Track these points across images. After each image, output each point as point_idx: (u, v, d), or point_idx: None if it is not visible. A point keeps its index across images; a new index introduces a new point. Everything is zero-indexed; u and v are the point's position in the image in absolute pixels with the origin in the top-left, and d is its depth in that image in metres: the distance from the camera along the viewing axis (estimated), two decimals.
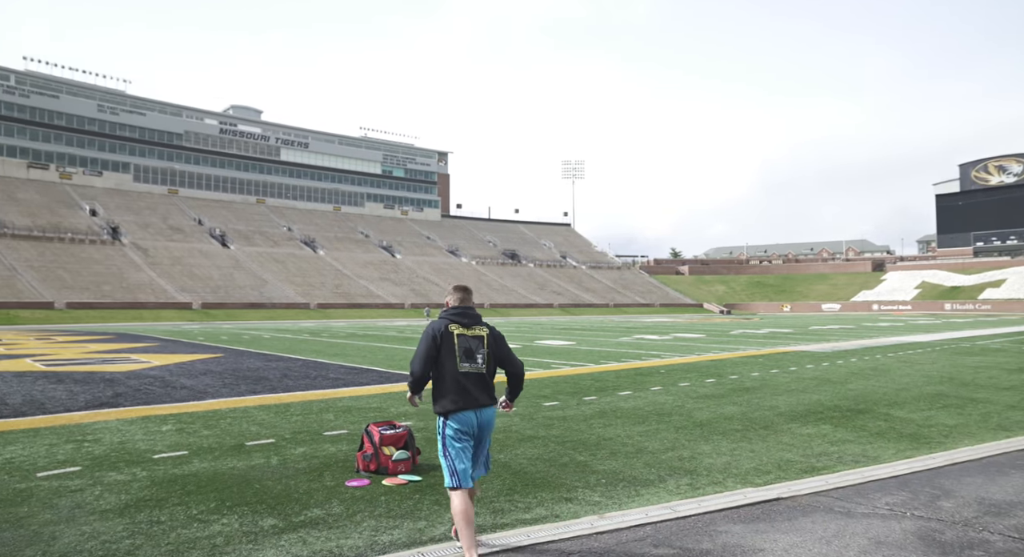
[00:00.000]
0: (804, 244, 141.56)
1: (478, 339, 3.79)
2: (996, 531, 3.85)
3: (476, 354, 3.75)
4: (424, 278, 74.23)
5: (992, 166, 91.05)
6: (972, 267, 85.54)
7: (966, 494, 4.58)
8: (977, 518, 4.08)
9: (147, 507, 4.36)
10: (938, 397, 9.25)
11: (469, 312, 3.87)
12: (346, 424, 7.32)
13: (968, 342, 20.84)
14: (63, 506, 4.39)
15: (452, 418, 3.67)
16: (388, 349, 18.90)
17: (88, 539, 3.79)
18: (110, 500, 4.51)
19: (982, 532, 3.83)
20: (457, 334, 3.75)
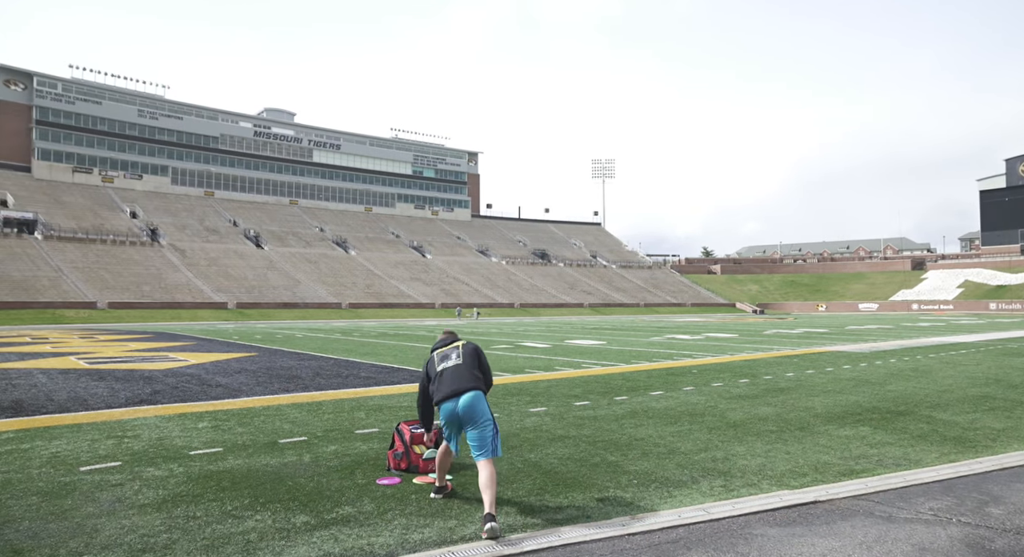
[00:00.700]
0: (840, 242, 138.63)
1: (453, 347, 4.66)
2: None
3: (451, 355, 4.60)
4: (454, 278, 74.58)
5: None
6: (1019, 265, 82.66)
7: (1017, 501, 4.41)
8: None
9: (183, 502, 4.44)
10: (984, 399, 8.94)
11: (448, 337, 4.80)
12: (377, 422, 7.37)
13: (1015, 343, 20.15)
14: (104, 500, 4.50)
15: (438, 407, 4.52)
16: (419, 348, 19.01)
17: (128, 532, 3.87)
18: (148, 495, 4.61)
19: None
20: (436, 354, 4.68)
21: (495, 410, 8.12)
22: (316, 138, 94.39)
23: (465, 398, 4.34)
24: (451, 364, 4.52)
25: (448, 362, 4.54)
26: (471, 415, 4.31)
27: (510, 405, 8.50)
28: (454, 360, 4.54)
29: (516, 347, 19.22)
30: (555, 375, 11.99)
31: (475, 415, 4.31)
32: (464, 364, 4.50)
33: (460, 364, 4.51)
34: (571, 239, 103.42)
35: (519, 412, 7.97)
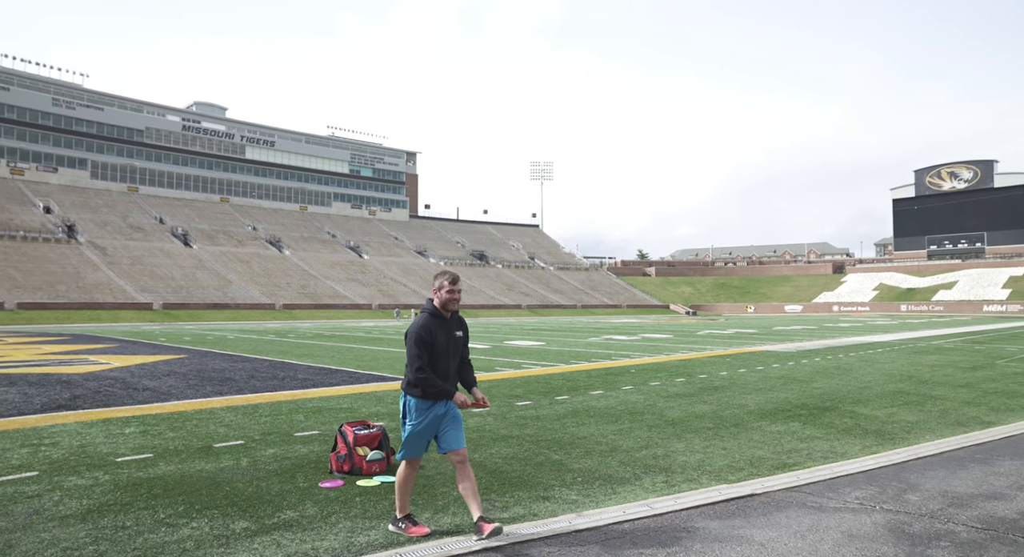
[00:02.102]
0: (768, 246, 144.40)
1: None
2: (960, 522, 3.96)
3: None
4: (392, 279, 73.67)
5: (944, 172, 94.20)
6: (926, 270, 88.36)
7: (930, 487, 4.70)
8: (942, 510, 4.19)
9: (111, 512, 4.21)
10: (899, 395, 9.50)
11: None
12: (317, 425, 7.20)
13: (924, 342, 21.49)
14: (20, 513, 4.21)
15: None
16: (357, 350, 18.68)
17: (48, 546, 3.64)
18: (71, 506, 4.35)
19: (947, 523, 3.93)
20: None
21: None
22: (249, 134, 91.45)
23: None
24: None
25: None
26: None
27: None
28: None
29: None
30: (496, 376, 12.01)
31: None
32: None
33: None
34: (509, 241, 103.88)
35: (462, 413, 7.93)
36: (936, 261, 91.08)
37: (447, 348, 3.90)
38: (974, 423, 7.35)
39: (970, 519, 4.01)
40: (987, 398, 9.23)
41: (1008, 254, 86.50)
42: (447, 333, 3.91)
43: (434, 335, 3.84)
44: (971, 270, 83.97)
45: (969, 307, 70.15)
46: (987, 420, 7.53)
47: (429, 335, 3.82)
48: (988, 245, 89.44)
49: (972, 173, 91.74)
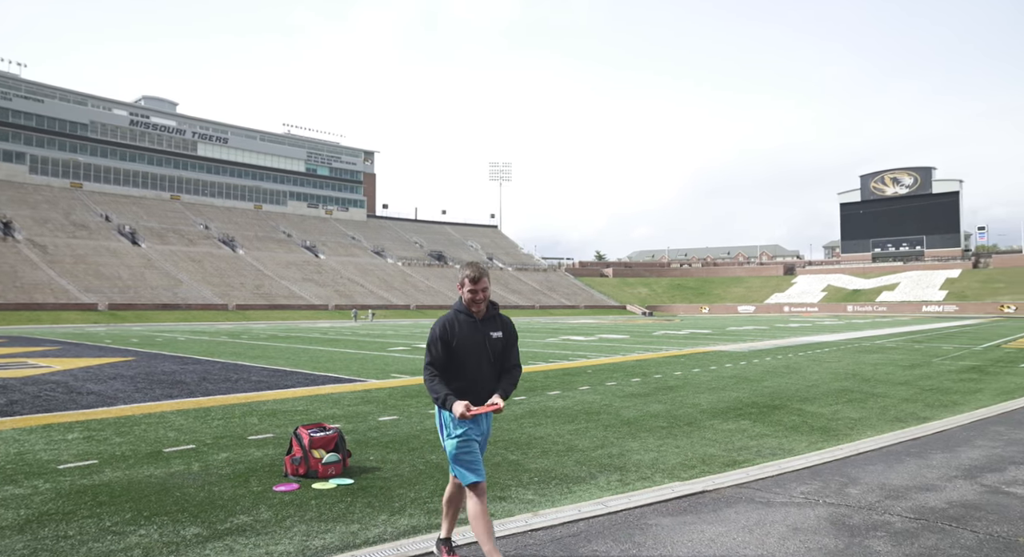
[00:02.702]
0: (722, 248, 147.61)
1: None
2: (895, 513, 4.16)
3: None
4: (349, 279, 72.73)
5: (888, 178, 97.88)
6: (871, 271, 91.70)
7: (870, 481, 4.92)
8: (879, 502, 4.38)
9: (52, 521, 4.08)
10: (844, 392, 9.86)
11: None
12: (271, 428, 7.09)
13: (868, 341, 22.32)
14: None
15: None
16: (312, 351, 18.41)
17: None
18: (7, 516, 4.19)
19: (884, 514, 4.13)
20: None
21: (394, 412, 8.04)
22: (201, 130, 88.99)
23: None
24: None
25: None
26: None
27: (409, 407, 8.44)
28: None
29: (413, 349, 19.05)
30: None
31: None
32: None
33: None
34: (468, 241, 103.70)
35: (419, 414, 7.93)
36: (880, 263, 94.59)
37: (476, 350, 3.35)
38: (911, 419, 7.69)
39: (904, 510, 4.21)
40: (923, 395, 9.66)
41: (945, 257, 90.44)
42: (477, 332, 3.37)
43: (455, 333, 3.33)
44: (912, 272, 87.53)
45: (910, 308, 73.08)
46: (923, 416, 7.89)
47: (447, 333, 3.33)
48: (927, 248, 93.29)
49: (913, 179, 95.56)
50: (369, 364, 14.47)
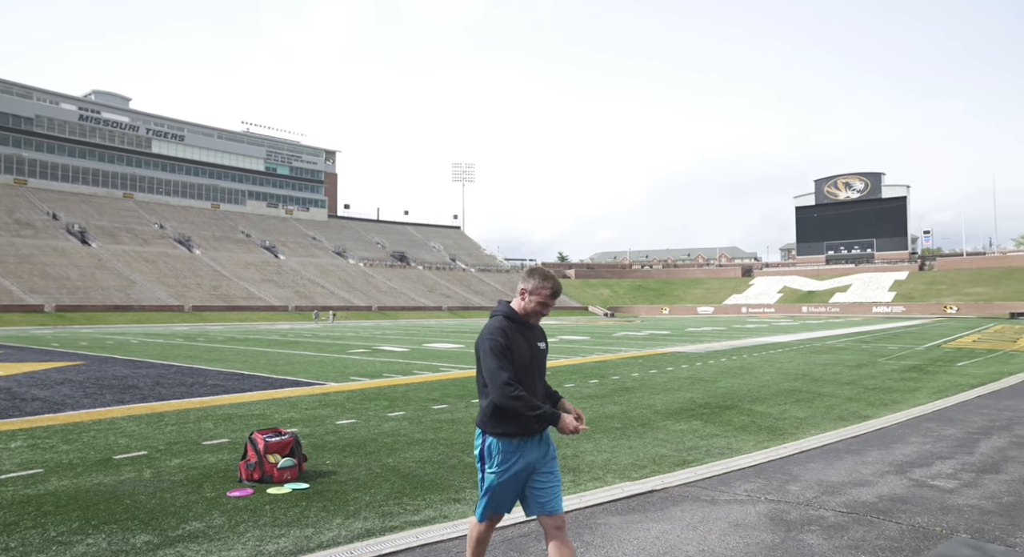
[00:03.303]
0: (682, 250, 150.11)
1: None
2: (830, 508, 4.38)
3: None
4: (309, 280, 71.74)
5: (840, 182, 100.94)
6: (824, 273, 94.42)
7: (809, 478, 5.15)
8: (816, 498, 4.61)
9: None
10: (792, 392, 10.21)
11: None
12: (227, 433, 7.03)
13: (819, 342, 23.04)
14: None
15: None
16: (271, 354, 18.17)
17: None
18: None
19: (819, 510, 4.35)
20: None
21: (352, 416, 8.04)
22: (156, 127, 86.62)
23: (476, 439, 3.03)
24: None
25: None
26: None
27: (367, 410, 8.45)
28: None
29: (374, 351, 18.97)
30: (414, 379, 12.03)
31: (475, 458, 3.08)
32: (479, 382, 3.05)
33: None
34: (430, 242, 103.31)
35: (377, 417, 7.95)
36: (833, 266, 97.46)
37: (531, 361, 2.94)
38: (853, 417, 8.03)
39: (838, 505, 4.44)
40: (867, 394, 10.08)
41: (893, 259, 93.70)
42: (530, 343, 2.97)
43: (513, 342, 2.88)
44: (863, 274, 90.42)
45: (861, 309, 75.48)
46: (864, 414, 8.24)
47: (508, 341, 2.86)
48: (877, 251, 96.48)
49: (864, 184, 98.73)
50: (328, 367, 14.38)
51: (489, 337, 2.87)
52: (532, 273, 3.04)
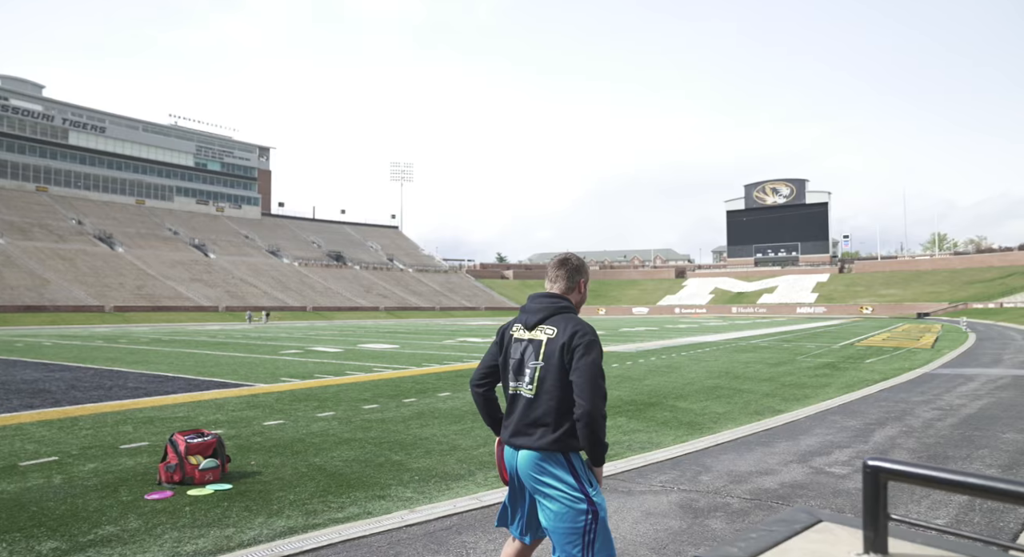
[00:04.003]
0: (619, 252, 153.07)
1: (535, 344, 2.48)
2: (735, 495, 4.67)
3: (525, 367, 2.48)
4: (241, 279, 69.56)
5: (768, 188, 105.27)
6: (753, 275, 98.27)
7: (720, 468, 5.46)
8: (724, 487, 4.90)
9: None
10: (714, 389, 10.67)
11: (537, 303, 2.55)
12: (147, 436, 6.83)
13: (745, 341, 24.04)
14: None
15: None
16: (199, 355, 17.60)
17: None
18: None
19: (726, 497, 4.63)
20: (514, 338, 2.57)
21: (280, 417, 7.94)
22: (73, 117, 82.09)
23: (525, 458, 2.43)
24: (522, 392, 2.49)
25: (519, 382, 2.51)
26: (527, 482, 2.45)
27: (296, 411, 8.36)
28: (527, 383, 2.48)
29: (307, 352, 18.64)
30: (346, 380, 11.93)
31: (531, 484, 2.44)
32: (540, 396, 2.43)
33: (532, 400, 2.44)
34: (368, 241, 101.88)
35: (306, 417, 7.89)
36: (761, 268, 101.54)
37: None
38: (768, 412, 8.48)
39: (744, 492, 4.74)
40: (783, 390, 10.64)
41: (816, 262, 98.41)
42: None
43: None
44: (788, 276, 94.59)
45: (786, 309, 78.93)
46: (778, 409, 8.72)
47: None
48: (801, 254, 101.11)
49: (789, 189, 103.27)
50: (259, 368, 14.07)
51: (596, 338, 2.43)
52: (582, 264, 2.65)
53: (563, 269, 2.61)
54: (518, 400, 2.48)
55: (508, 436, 2.50)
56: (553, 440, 2.37)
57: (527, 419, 2.42)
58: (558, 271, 2.62)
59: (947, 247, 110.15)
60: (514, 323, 2.60)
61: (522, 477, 2.45)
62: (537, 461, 2.39)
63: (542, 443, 2.38)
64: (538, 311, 2.52)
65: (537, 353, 2.45)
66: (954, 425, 7.46)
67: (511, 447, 2.48)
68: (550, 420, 2.38)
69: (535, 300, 2.56)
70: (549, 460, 2.38)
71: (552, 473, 2.37)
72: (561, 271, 2.62)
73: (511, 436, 2.48)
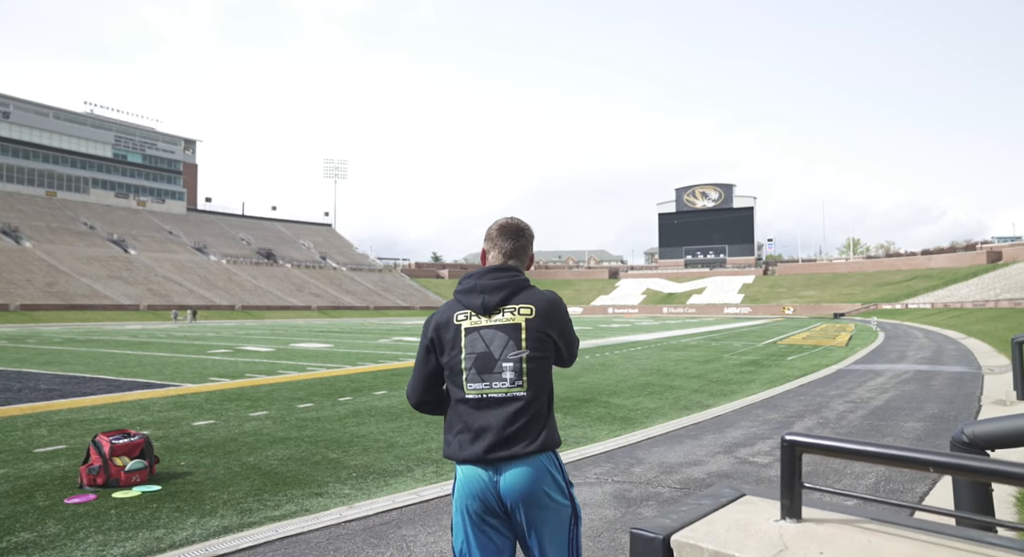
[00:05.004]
0: (554, 252, 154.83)
1: (508, 330, 1.99)
2: (666, 485, 4.88)
3: (502, 362, 1.97)
4: (164, 277, 66.56)
5: (698, 192, 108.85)
6: (683, 277, 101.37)
7: (652, 460, 5.68)
8: (656, 477, 5.11)
9: None
10: (646, 386, 11.02)
11: (493, 279, 2.07)
12: (65, 439, 6.51)
13: (675, 340, 24.83)
14: None
15: (459, 471, 2.00)
16: (119, 355, 16.78)
17: None
18: None
19: (657, 487, 4.83)
20: (465, 328, 2.02)
21: (210, 417, 7.72)
22: None
23: (518, 475, 1.93)
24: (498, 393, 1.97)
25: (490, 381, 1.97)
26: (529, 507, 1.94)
27: (227, 411, 8.14)
28: (508, 381, 1.97)
29: (236, 351, 18.08)
30: (278, 379, 11.67)
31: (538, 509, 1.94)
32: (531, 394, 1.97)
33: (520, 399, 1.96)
34: (300, 239, 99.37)
35: (238, 417, 7.69)
36: (691, 269, 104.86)
37: None
38: (697, 407, 8.84)
39: (674, 482, 4.95)
40: (711, 386, 11.09)
41: (742, 264, 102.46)
42: None
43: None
44: (716, 278, 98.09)
45: (714, 309, 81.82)
46: (706, 404, 9.09)
47: None
48: (728, 256, 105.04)
49: (718, 194, 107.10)
50: (185, 368, 13.56)
51: (567, 310, 2.14)
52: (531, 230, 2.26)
53: (523, 239, 2.18)
54: (494, 405, 1.94)
55: (483, 452, 1.91)
56: (548, 437, 1.97)
57: (517, 423, 1.92)
58: (517, 241, 2.17)
59: (861, 251, 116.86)
60: (453, 312, 2.04)
61: (515, 499, 1.91)
62: (537, 470, 1.93)
63: (541, 444, 1.94)
64: (498, 289, 2.02)
65: (517, 341, 1.97)
66: (864, 416, 7.99)
67: (486, 465, 1.92)
68: (543, 416, 1.98)
69: (489, 275, 2.06)
70: (548, 463, 1.96)
71: (551, 477, 1.96)
72: (521, 241, 2.17)
73: (489, 450, 1.91)
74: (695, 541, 1.33)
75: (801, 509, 1.37)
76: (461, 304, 2.05)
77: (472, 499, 1.93)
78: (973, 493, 2.37)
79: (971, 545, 1.21)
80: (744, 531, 1.35)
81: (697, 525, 1.37)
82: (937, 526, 1.32)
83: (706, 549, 1.28)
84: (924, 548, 1.22)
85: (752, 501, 1.53)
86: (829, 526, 1.32)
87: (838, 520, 1.35)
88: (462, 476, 1.96)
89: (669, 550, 1.35)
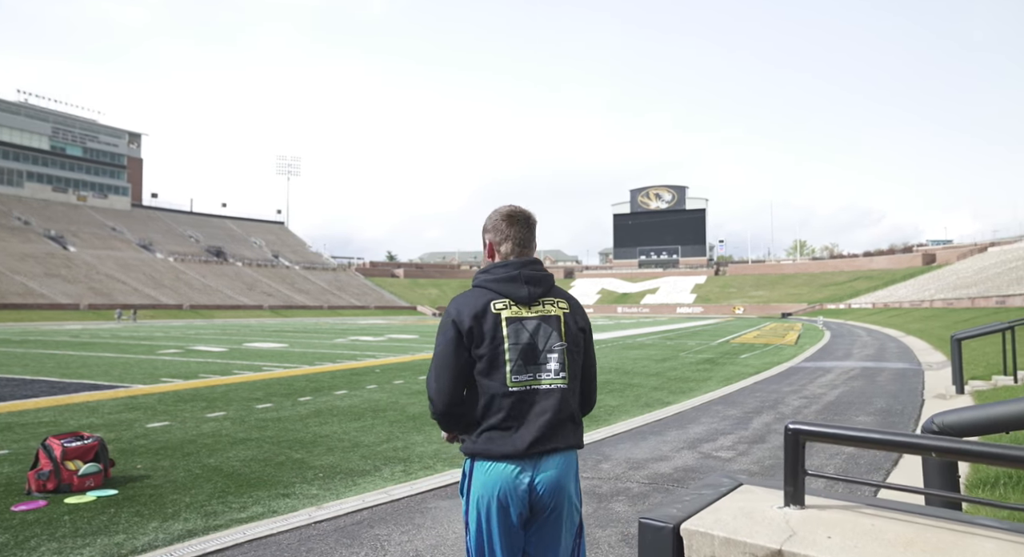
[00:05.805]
0: None
1: (552, 322, 1.99)
2: (635, 481, 4.95)
3: (548, 353, 1.95)
4: (107, 275, 64.05)
5: (652, 193, 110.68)
6: (637, 277, 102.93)
7: (619, 457, 5.74)
8: (624, 473, 5.17)
9: None
10: (607, 384, 11.14)
11: (534, 271, 2.03)
12: (7, 443, 6.20)
13: (631, 339, 25.18)
14: None
15: (484, 468, 1.90)
16: (60, 356, 16.07)
17: None
18: None
19: (626, 483, 4.89)
20: (507, 318, 1.94)
21: (165, 418, 7.46)
22: None
23: (558, 469, 1.90)
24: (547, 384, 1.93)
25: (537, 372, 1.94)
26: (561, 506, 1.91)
27: (183, 412, 7.88)
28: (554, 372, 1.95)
29: (187, 351, 17.53)
30: (234, 379, 11.36)
31: (567, 507, 1.92)
32: (572, 385, 1.97)
33: (566, 390, 1.94)
34: (251, 237, 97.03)
35: (194, 418, 7.46)
36: (645, 269, 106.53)
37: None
38: (658, 404, 8.98)
39: (642, 478, 5.02)
40: (669, 384, 11.29)
41: (695, 265, 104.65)
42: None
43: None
44: (670, 278, 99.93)
45: (667, 309, 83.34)
46: (667, 401, 9.25)
47: None
48: (681, 257, 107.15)
49: (671, 195, 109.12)
50: (135, 368, 13.08)
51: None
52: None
53: (535, 228, 2.12)
54: (542, 395, 1.90)
55: (529, 443, 1.85)
56: (582, 433, 2.00)
57: (562, 414, 1.90)
58: (533, 231, 2.11)
59: (807, 253, 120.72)
60: (487, 300, 1.94)
61: (552, 494, 1.87)
62: (573, 464, 1.94)
63: (578, 437, 1.97)
64: (542, 281, 2.02)
65: (559, 333, 1.97)
66: (818, 411, 8.25)
67: (525, 460, 1.86)
68: (577, 411, 2.00)
69: (531, 267, 2.01)
70: (576, 462, 1.98)
71: (575, 477, 1.95)
72: (535, 231, 2.12)
73: (537, 442, 1.85)
74: (705, 529, 1.35)
75: (804, 496, 1.40)
76: (496, 293, 1.95)
77: (500, 496, 1.85)
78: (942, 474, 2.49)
79: (968, 527, 1.27)
80: (751, 518, 1.38)
81: (703, 514, 1.39)
82: (935, 510, 1.37)
83: (717, 536, 1.30)
84: (925, 530, 1.27)
85: (751, 490, 1.56)
86: (832, 512, 1.36)
87: (840, 506, 1.39)
88: (488, 473, 1.87)
89: (679, 539, 1.36)
